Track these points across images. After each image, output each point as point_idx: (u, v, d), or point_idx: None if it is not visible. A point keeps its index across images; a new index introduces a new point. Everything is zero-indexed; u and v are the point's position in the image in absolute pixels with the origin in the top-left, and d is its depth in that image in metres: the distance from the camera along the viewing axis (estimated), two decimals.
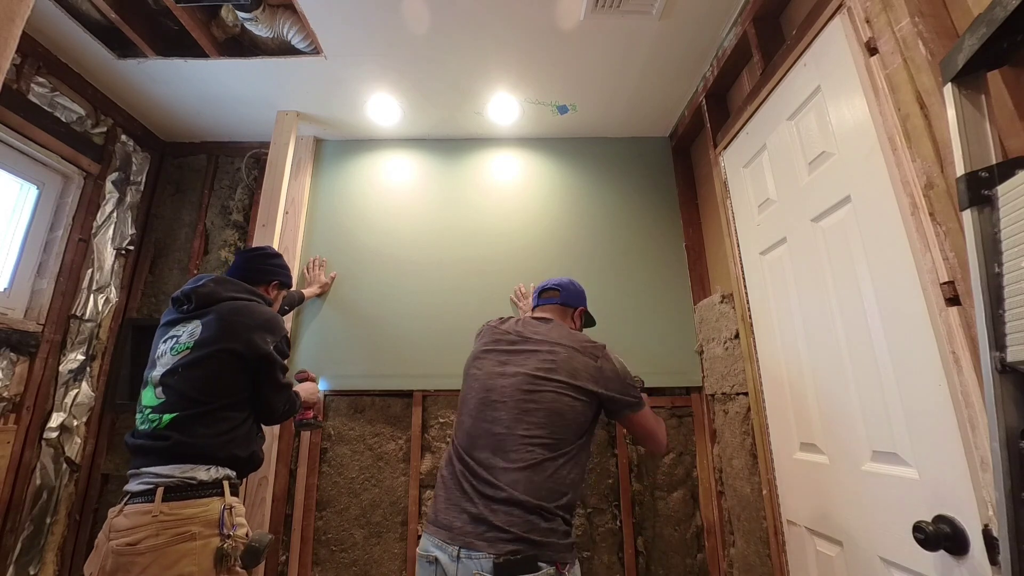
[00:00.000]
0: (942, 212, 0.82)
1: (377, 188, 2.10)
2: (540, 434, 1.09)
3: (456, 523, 1.04)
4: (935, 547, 0.81)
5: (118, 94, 1.89)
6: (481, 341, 1.33)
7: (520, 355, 1.20)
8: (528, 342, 1.22)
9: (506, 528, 0.99)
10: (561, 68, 1.73)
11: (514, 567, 0.96)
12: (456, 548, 1.00)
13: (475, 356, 1.30)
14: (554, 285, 1.40)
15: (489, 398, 1.16)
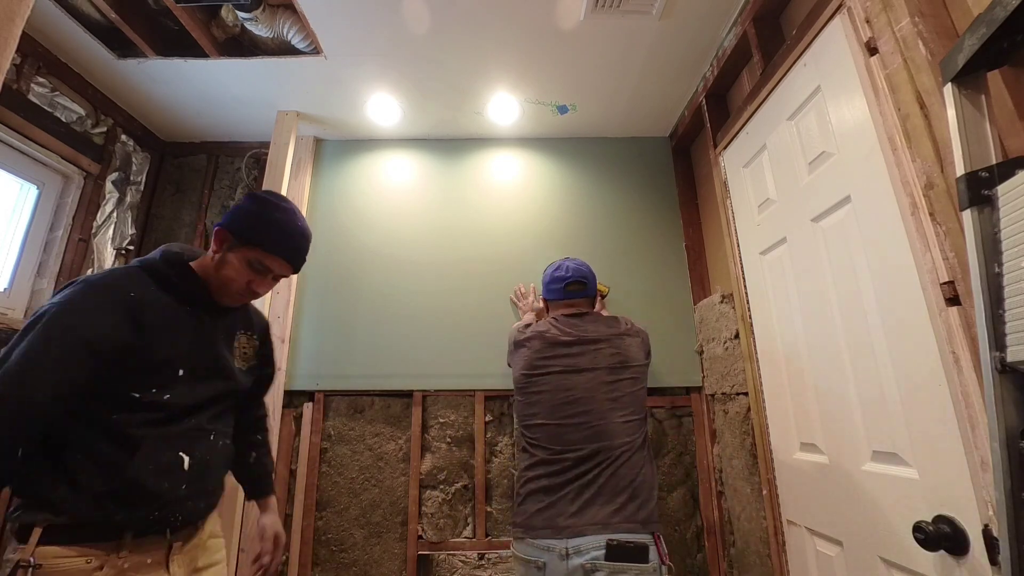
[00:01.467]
0: (942, 212, 0.82)
1: (377, 188, 2.10)
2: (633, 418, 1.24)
3: (599, 516, 1.13)
4: (935, 547, 0.81)
5: (118, 94, 1.89)
6: (531, 350, 1.36)
7: (586, 356, 1.29)
8: (586, 342, 1.32)
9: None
10: (561, 68, 1.73)
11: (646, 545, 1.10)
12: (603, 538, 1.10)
13: (533, 365, 1.34)
14: (579, 277, 1.41)
15: (572, 396, 1.26)
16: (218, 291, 1.01)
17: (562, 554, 1.09)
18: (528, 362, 1.35)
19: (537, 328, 1.39)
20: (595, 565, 1.06)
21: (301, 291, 1.95)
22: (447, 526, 1.74)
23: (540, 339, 1.36)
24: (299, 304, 1.94)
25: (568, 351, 1.31)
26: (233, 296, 1.02)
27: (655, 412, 1.86)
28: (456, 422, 1.84)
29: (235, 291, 1.01)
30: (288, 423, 1.82)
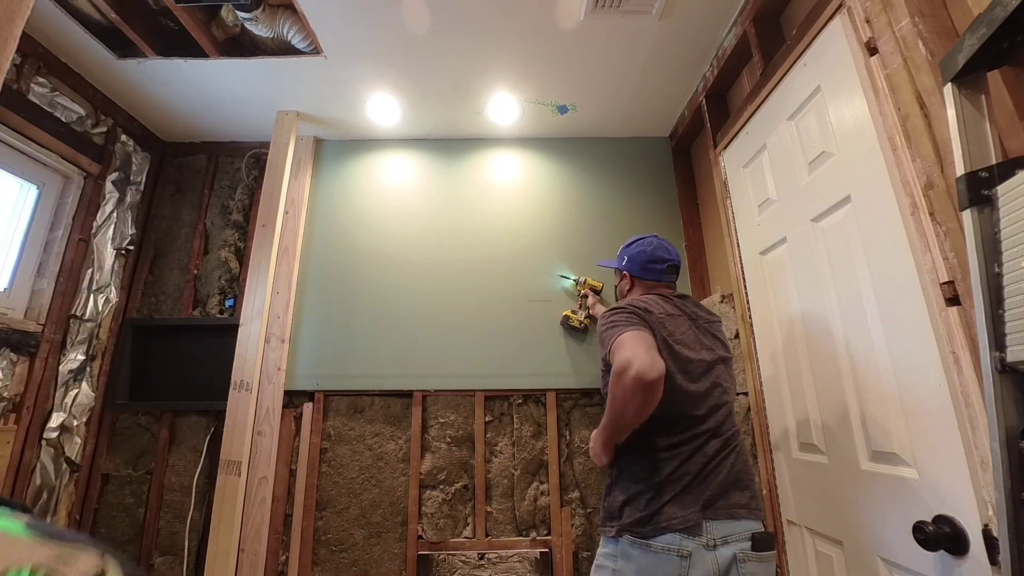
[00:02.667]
0: (942, 212, 0.82)
1: (377, 188, 2.10)
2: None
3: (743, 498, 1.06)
4: (935, 547, 0.81)
5: (118, 94, 1.89)
6: (657, 315, 1.15)
7: (706, 335, 1.19)
8: (701, 319, 1.21)
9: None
10: (561, 68, 1.73)
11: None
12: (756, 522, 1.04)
13: (664, 325, 1.14)
14: (677, 262, 1.30)
15: (712, 372, 1.14)
16: None
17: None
18: (655, 322, 1.14)
19: (642, 305, 1.18)
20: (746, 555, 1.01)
21: (301, 291, 1.95)
22: (447, 526, 1.74)
23: (658, 306, 1.18)
24: (299, 304, 1.94)
25: (693, 325, 1.19)
26: None
27: None
28: (456, 422, 1.84)
29: None
30: (288, 423, 1.81)
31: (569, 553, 1.70)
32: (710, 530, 1.00)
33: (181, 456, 1.82)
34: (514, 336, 1.89)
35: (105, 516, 1.78)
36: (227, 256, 2.04)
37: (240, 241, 2.07)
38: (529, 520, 1.74)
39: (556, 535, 1.71)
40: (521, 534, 1.74)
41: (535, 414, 1.84)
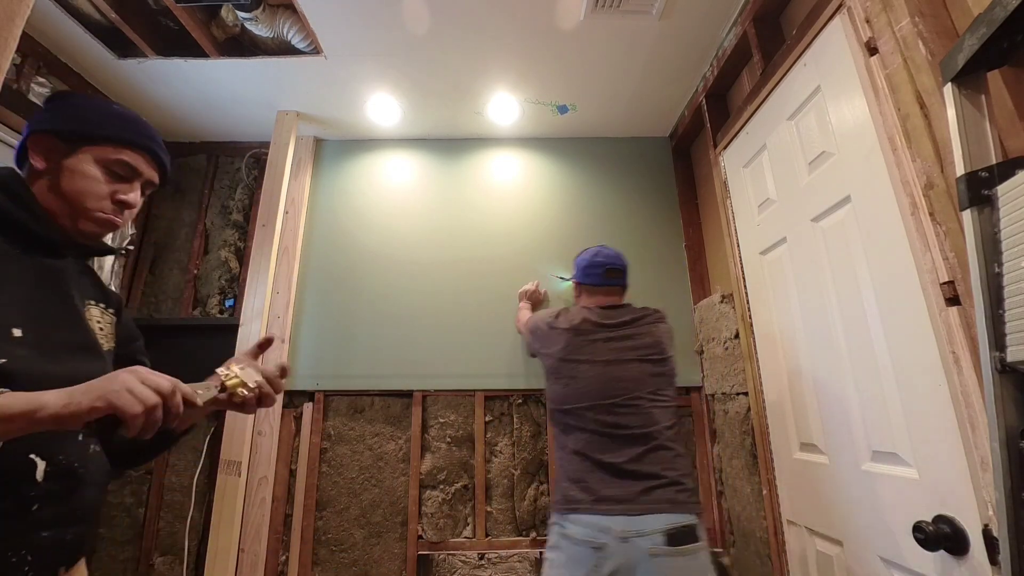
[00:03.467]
0: (942, 212, 0.82)
1: (377, 188, 2.10)
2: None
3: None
4: (935, 547, 0.81)
5: (118, 94, 1.88)
6: (564, 341, 1.35)
7: (626, 341, 1.32)
8: (623, 327, 1.34)
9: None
10: (561, 68, 1.73)
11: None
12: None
13: (565, 358, 1.33)
14: (620, 266, 1.44)
15: (615, 388, 1.26)
16: (71, 216, 0.73)
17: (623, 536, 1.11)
18: (556, 355, 1.35)
19: (566, 318, 1.39)
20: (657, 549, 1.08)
21: (301, 291, 1.95)
22: (447, 526, 1.74)
23: (581, 323, 1.36)
24: (299, 304, 1.94)
25: (610, 334, 1.33)
26: (95, 216, 0.75)
27: None
28: (456, 422, 1.84)
29: (97, 207, 0.74)
30: (288, 423, 1.82)
31: None
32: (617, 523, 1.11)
33: (181, 456, 1.82)
34: (514, 336, 1.89)
35: (105, 516, 1.77)
36: (227, 256, 2.04)
37: (240, 241, 2.07)
38: (529, 520, 1.74)
39: None
40: (521, 534, 1.74)
41: (535, 414, 1.84)
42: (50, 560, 0.64)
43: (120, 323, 0.86)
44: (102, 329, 0.79)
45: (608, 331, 1.33)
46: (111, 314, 0.83)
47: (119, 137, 0.77)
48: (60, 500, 0.65)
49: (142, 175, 0.80)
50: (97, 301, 0.81)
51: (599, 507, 1.14)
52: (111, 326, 0.82)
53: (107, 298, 0.84)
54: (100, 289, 0.84)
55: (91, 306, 0.79)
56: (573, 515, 1.15)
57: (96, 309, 0.80)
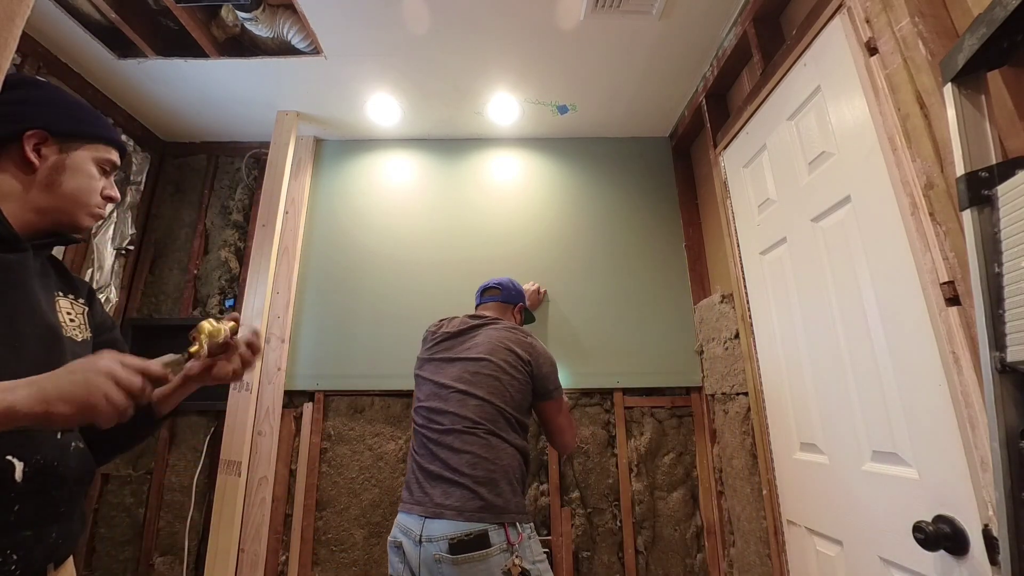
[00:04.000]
0: (942, 212, 0.82)
1: (377, 188, 2.10)
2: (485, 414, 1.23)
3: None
4: (935, 547, 0.81)
5: (118, 94, 1.88)
6: (424, 347, 1.47)
7: (460, 348, 1.36)
8: (464, 336, 1.38)
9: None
10: (561, 68, 1.73)
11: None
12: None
13: (422, 361, 1.44)
14: (495, 284, 1.56)
15: (438, 393, 1.30)
16: (70, 213, 0.76)
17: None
18: (418, 358, 1.47)
19: (436, 324, 1.51)
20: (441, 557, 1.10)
21: (301, 291, 1.95)
22: None
23: (430, 338, 1.47)
24: (299, 304, 1.94)
25: (452, 342, 1.39)
26: (94, 212, 0.80)
27: (655, 412, 1.86)
28: None
29: (95, 204, 0.79)
30: (288, 423, 1.82)
31: (569, 553, 1.70)
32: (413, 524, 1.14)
33: (181, 456, 1.82)
34: None
35: (105, 516, 1.78)
36: (227, 256, 2.04)
37: (240, 241, 2.07)
38: None
39: (556, 535, 1.71)
40: None
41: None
42: (36, 558, 0.65)
43: (92, 312, 0.85)
44: (73, 320, 0.79)
45: (452, 338, 1.40)
46: (81, 304, 0.83)
47: (107, 136, 0.81)
48: (41, 499, 0.66)
49: (117, 169, 0.85)
50: (65, 292, 0.81)
51: (406, 506, 1.20)
52: (83, 316, 0.81)
53: (75, 288, 0.84)
54: (67, 280, 0.83)
55: (59, 298, 0.78)
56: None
57: (65, 300, 0.79)
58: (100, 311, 0.88)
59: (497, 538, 1.10)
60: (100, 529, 1.76)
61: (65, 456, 0.70)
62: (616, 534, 1.74)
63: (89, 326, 0.82)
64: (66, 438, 0.72)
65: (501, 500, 1.14)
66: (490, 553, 1.08)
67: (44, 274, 0.77)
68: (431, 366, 1.38)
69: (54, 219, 0.76)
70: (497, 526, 1.11)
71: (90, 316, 0.84)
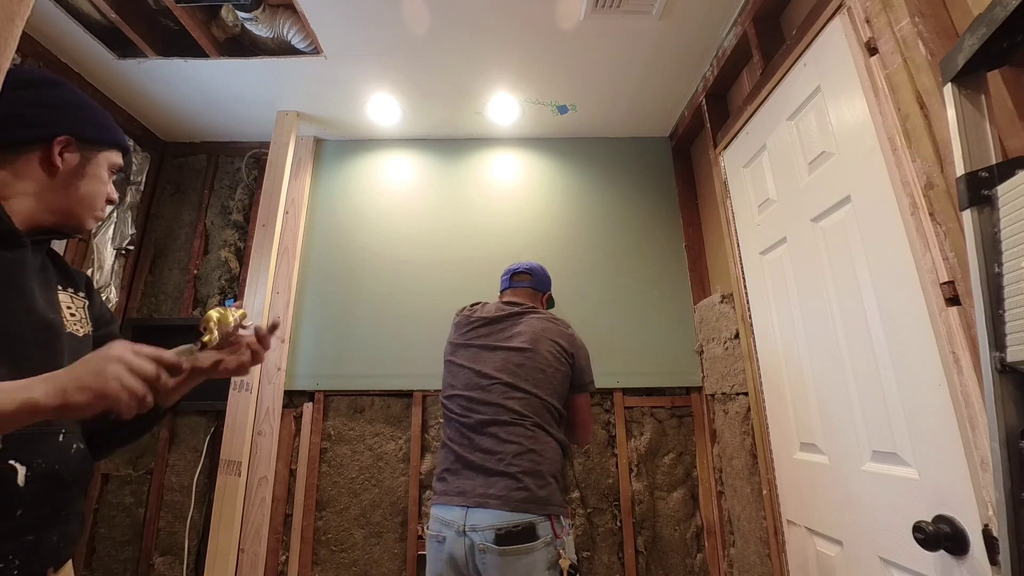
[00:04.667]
0: (942, 212, 0.82)
1: (377, 188, 2.10)
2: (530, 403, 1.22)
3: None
4: (935, 547, 0.81)
5: (118, 94, 1.88)
6: (458, 332, 1.41)
7: (500, 336, 1.32)
8: (504, 324, 1.34)
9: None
10: (561, 68, 1.73)
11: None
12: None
13: (455, 347, 1.39)
14: (526, 269, 1.51)
15: (479, 383, 1.27)
16: (78, 216, 0.78)
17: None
18: (451, 342, 1.42)
19: (469, 309, 1.46)
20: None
21: (301, 291, 1.95)
22: None
23: (465, 322, 1.41)
24: (299, 304, 1.94)
25: (490, 328, 1.36)
26: (98, 215, 0.82)
27: (655, 412, 1.86)
28: None
29: (101, 207, 0.81)
30: (288, 423, 1.82)
31: None
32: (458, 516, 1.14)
33: (181, 456, 1.82)
34: None
35: (105, 516, 1.78)
36: (227, 256, 2.04)
37: (240, 241, 2.07)
38: None
39: None
40: None
41: None
42: (37, 562, 0.65)
43: (92, 305, 0.85)
44: (73, 314, 0.78)
45: (489, 324, 1.36)
46: (82, 297, 0.83)
47: (121, 143, 0.84)
48: (43, 503, 0.66)
49: (119, 170, 0.86)
50: (65, 286, 0.80)
51: (444, 498, 1.19)
52: (84, 310, 0.81)
53: (75, 282, 0.83)
54: (66, 274, 0.83)
55: (60, 292, 0.78)
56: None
57: (65, 295, 0.79)
58: (99, 304, 0.87)
59: (544, 531, 1.10)
60: (100, 529, 1.76)
61: (66, 458, 0.70)
62: (616, 534, 1.74)
63: (90, 320, 0.82)
64: (68, 440, 0.71)
65: (546, 492, 1.13)
66: (535, 547, 1.08)
67: (43, 269, 0.76)
68: (467, 352, 1.33)
69: (61, 219, 0.77)
70: (543, 518, 1.11)
71: (90, 309, 0.83)
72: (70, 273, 0.84)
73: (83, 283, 0.85)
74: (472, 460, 1.17)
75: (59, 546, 0.68)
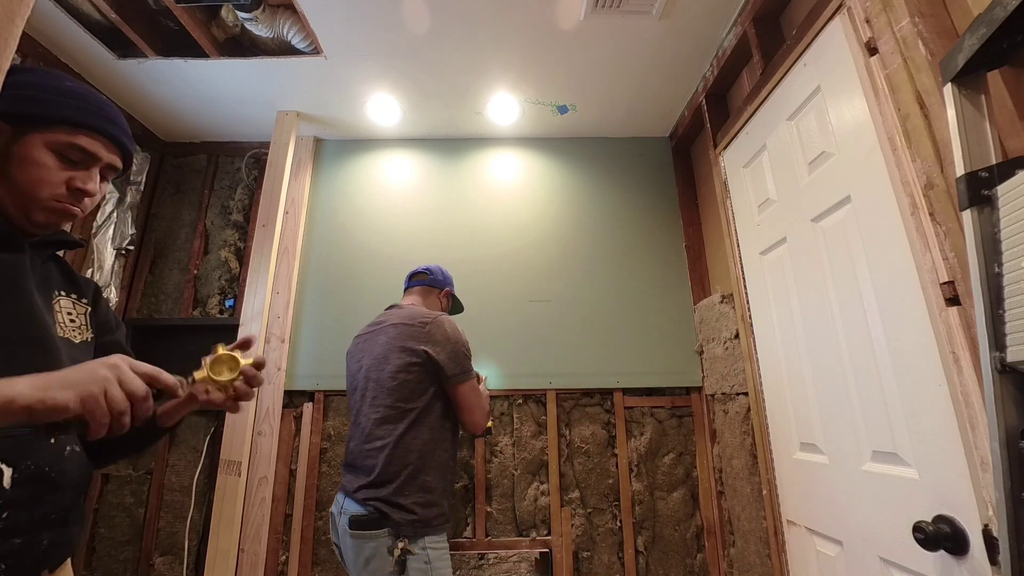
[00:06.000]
0: (942, 212, 0.82)
1: (377, 188, 2.10)
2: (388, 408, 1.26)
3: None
4: (935, 547, 0.81)
5: (118, 94, 1.88)
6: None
7: (367, 346, 1.38)
8: (371, 335, 1.39)
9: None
10: (561, 68, 1.73)
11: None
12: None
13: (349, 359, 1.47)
14: (423, 269, 1.57)
15: (352, 393, 1.38)
16: (22, 207, 0.69)
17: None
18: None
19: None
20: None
21: (301, 291, 1.95)
22: None
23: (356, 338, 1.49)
24: (299, 304, 1.94)
25: (358, 343, 1.43)
26: (49, 205, 0.70)
27: (655, 412, 1.86)
28: None
29: (50, 196, 0.69)
30: (288, 423, 1.82)
31: (569, 553, 1.70)
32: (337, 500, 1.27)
33: (181, 456, 1.82)
34: (514, 336, 1.89)
35: (105, 516, 1.78)
36: (227, 256, 2.04)
37: (240, 241, 2.07)
38: (529, 520, 1.74)
39: (556, 535, 1.71)
40: (521, 534, 1.74)
41: (535, 414, 1.85)
42: (27, 565, 0.63)
43: (96, 312, 0.82)
44: (73, 320, 0.76)
45: (366, 334, 1.42)
46: (84, 304, 0.80)
47: (73, 119, 0.70)
48: (31, 506, 0.64)
49: (100, 160, 0.73)
50: (68, 292, 0.78)
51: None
52: (85, 316, 0.79)
53: (79, 288, 0.81)
54: (71, 280, 0.80)
55: (60, 297, 0.76)
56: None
57: (67, 300, 0.77)
58: (104, 312, 0.85)
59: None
60: (100, 529, 1.76)
61: (60, 461, 0.67)
62: (616, 534, 1.74)
63: (91, 327, 0.80)
64: (61, 441, 0.69)
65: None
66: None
67: (44, 274, 0.75)
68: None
69: (17, 212, 0.70)
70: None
71: (92, 316, 0.81)
72: (76, 280, 0.82)
73: (90, 291, 0.84)
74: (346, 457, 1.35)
75: (50, 550, 0.67)
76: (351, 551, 1.17)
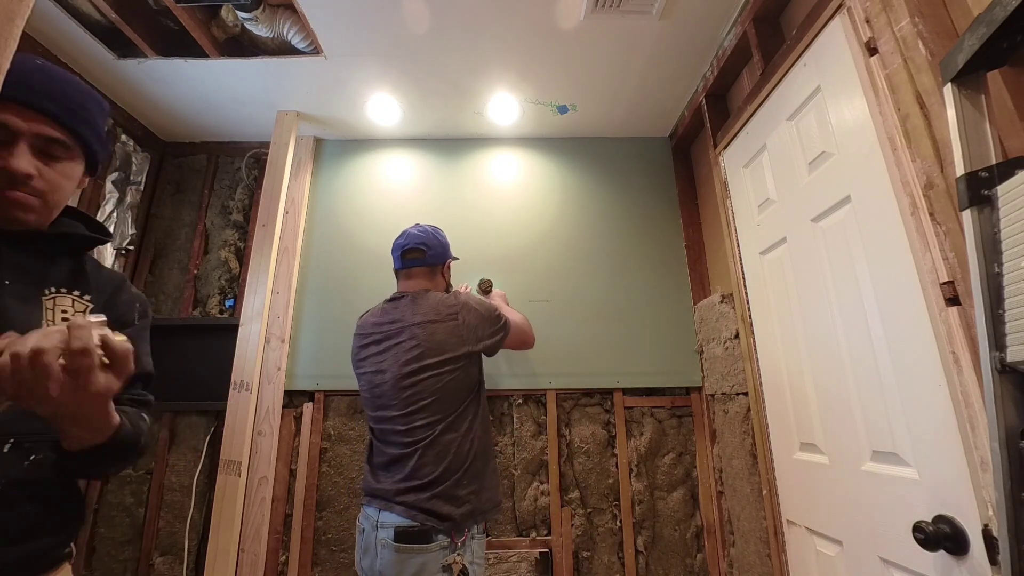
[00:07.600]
0: (942, 212, 0.82)
1: (377, 188, 2.10)
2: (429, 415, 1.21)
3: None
4: (935, 547, 0.81)
5: (118, 94, 1.88)
6: (356, 341, 1.40)
7: (390, 351, 1.28)
8: (391, 336, 1.29)
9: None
10: (561, 68, 1.73)
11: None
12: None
13: (356, 357, 1.39)
14: (417, 244, 1.37)
15: (379, 399, 1.29)
16: None
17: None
18: (352, 354, 1.41)
19: (365, 316, 1.43)
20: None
21: (301, 291, 1.95)
22: None
23: (359, 330, 1.40)
24: (299, 304, 1.94)
25: (377, 348, 1.31)
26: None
27: (655, 412, 1.86)
28: None
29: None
30: (288, 423, 1.81)
31: (569, 553, 1.70)
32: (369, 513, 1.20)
33: (181, 456, 1.82)
34: None
35: (105, 516, 1.78)
36: (227, 256, 2.04)
37: (240, 241, 2.07)
38: (529, 520, 1.74)
39: (556, 535, 1.71)
40: (521, 534, 1.74)
41: (535, 414, 1.85)
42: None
43: (109, 309, 0.78)
44: (67, 319, 0.72)
45: (375, 344, 1.31)
46: (86, 301, 0.76)
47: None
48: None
49: (20, 132, 0.63)
50: (70, 289, 0.74)
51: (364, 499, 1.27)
52: (84, 315, 0.75)
53: (86, 286, 0.76)
54: (79, 278, 0.76)
55: (57, 295, 0.72)
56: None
57: (65, 298, 0.73)
58: (122, 306, 0.81)
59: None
60: (100, 529, 1.76)
61: (13, 473, 0.61)
62: (616, 534, 1.74)
63: None
64: (18, 453, 0.62)
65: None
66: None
67: (35, 271, 0.71)
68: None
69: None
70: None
71: (100, 313, 0.76)
72: (86, 278, 0.78)
73: (109, 287, 0.80)
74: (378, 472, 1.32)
75: (26, 562, 0.62)
76: (391, 568, 1.10)
